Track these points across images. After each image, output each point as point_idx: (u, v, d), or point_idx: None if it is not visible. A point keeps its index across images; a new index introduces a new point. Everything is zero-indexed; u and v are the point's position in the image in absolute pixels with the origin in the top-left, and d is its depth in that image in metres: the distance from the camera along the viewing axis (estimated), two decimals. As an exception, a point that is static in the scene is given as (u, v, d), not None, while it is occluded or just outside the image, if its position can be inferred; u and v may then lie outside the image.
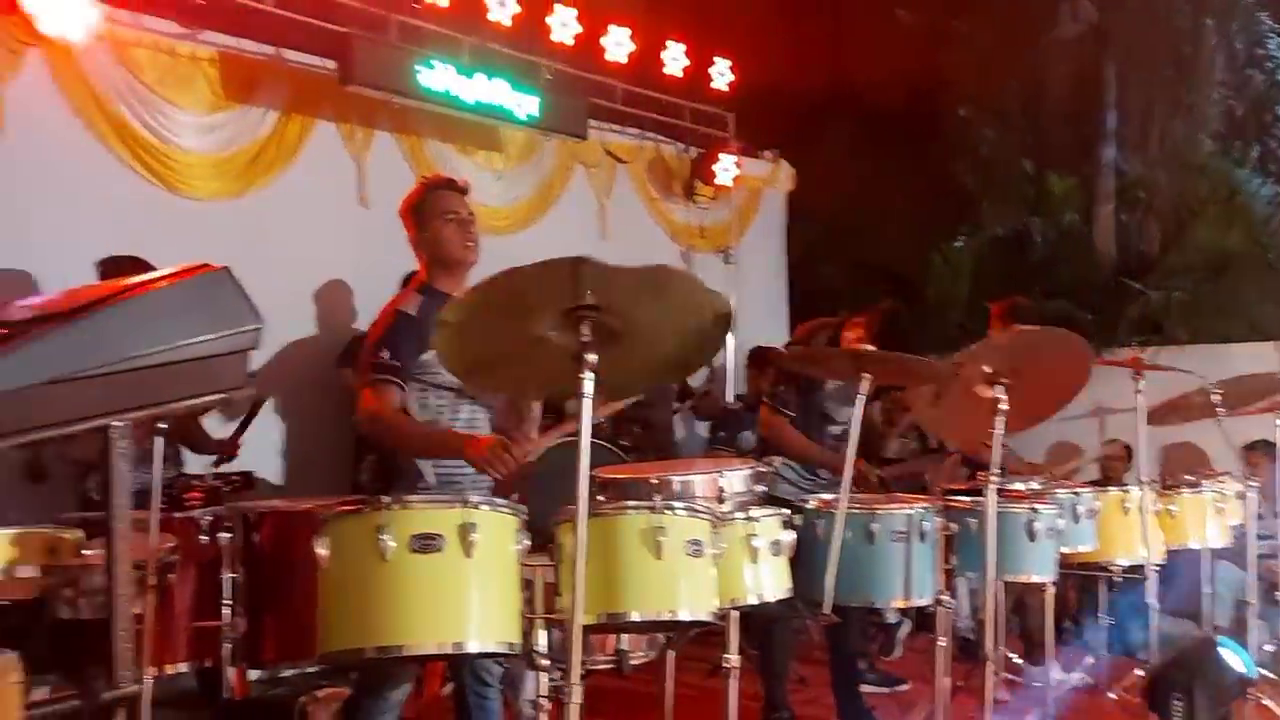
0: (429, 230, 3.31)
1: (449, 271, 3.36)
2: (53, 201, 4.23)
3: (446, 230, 3.29)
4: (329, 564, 2.41)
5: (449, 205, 3.33)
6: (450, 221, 3.30)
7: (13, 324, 1.62)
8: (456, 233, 3.30)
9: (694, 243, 7.12)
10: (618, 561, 2.53)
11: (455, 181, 3.44)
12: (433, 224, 3.30)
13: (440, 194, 3.35)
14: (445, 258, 3.33)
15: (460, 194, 3.37)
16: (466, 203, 3.39)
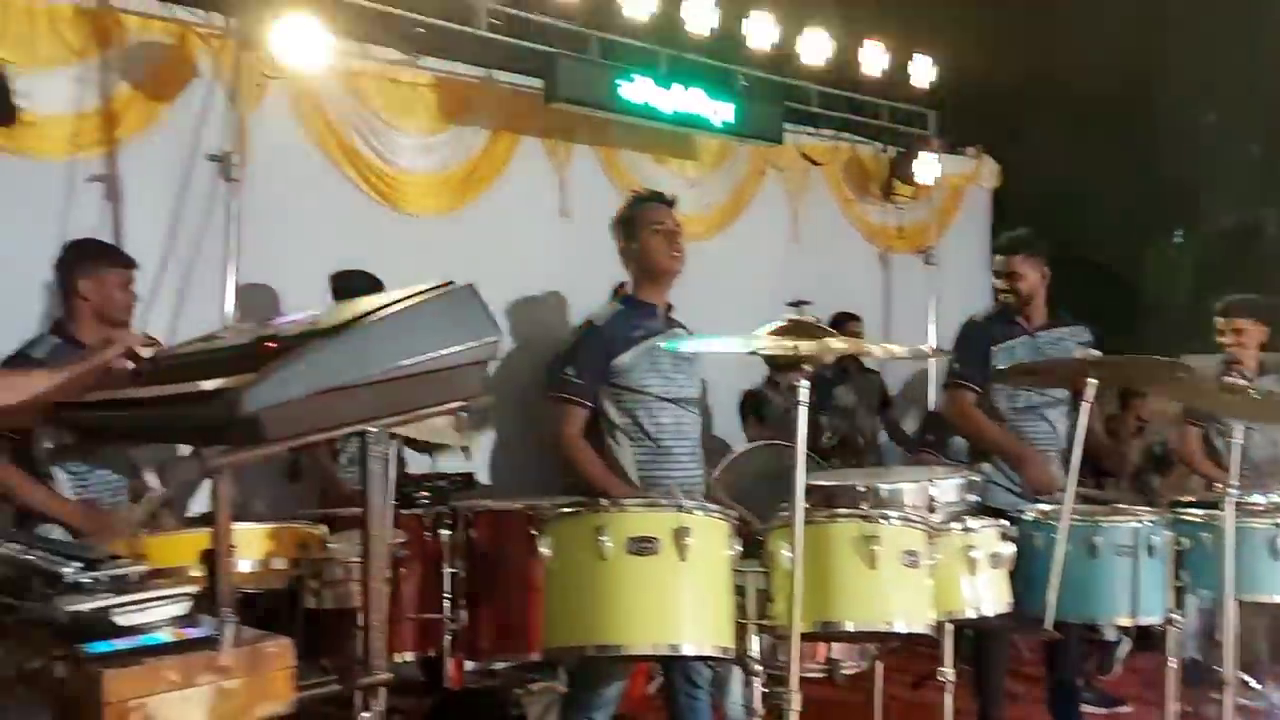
0: (637, 241, 3.46)
1: (654, 281, 3.50)
2: (292, 221, 4.59)
3: (653, 241, 3.44)
4: (552, 563, 2.52)
5: (656, 217, 3.47)
6: (657, 233, 3.45)
7: (285, 339, 1.78)
8: (663, 243, 3.45)
9: (891, 244, 6.99)
10: (831, 570, 2.54)
11: (663, 195, 3.57)
12: (640, 235, 3.45)
13: (648, 207, 3.50)
14: (652, 268, 3.47)
15: (667, 206, 3.49)
16: (673, 214, 3.51)
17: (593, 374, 3.36)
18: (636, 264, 3.50)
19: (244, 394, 1.55)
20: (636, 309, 3.48)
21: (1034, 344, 4.03)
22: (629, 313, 3.46)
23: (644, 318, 3.45)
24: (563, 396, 3.37)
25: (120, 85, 4.23)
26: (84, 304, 3.47)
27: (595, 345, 3.40)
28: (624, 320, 3.43)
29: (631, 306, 3.49)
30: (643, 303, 3.49)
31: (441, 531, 3.46)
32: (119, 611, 1.66)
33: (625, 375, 3.36)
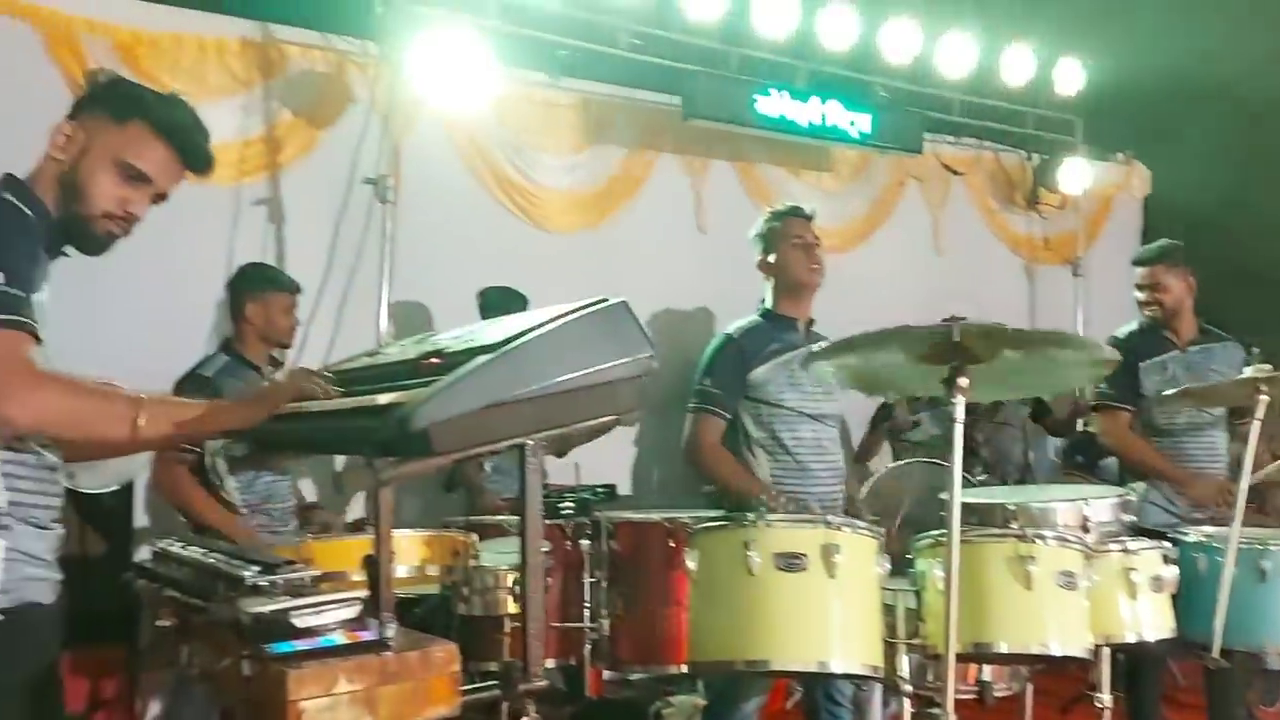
0: (775, 254, 3.46)
1: (793, 295, 3.50)
2: (442, 240, 4.75)
3: (792, 255, 3.45)
4: (698, 576, 2.54)
5: (795, 230, 3.47)
6: (796, 246, 3.45)
7: (450, 354, 1.85)
8: (802, 257, 3.45)
9: (1037, 255, 6.77)
10: (984, 590, 2.48)
11: (801, 208, 3.56)
12: (779, 249, 3.46)
13: (787, 220, 3.51)
14: (790, 281, 3.48)
15: (806, 219, 3.49)
16: (811, 227, 3.50)
17: (730, 385, 3.38)
18: (775, 277, 3.51)
19: (415, 409, 1.62)
20: (775, 322, 3.48)
21: (1185, 360, 3.87)
22: (767, 326, 3.47)
23: (783, 331, 3.45)
24: (700, 407, 3.40)
25: (282, 113, 4.47)
26: (250, 326, 3.70)
27: (732, 357, 3.42)
28: (762, 333, 3.44)
29: (770, 320, 3.49)
30: (782, 316, 3.49)
31: (582, 541, 3.52)
32: (297, 614, 1.76)
33: (762, 389, 3.37)
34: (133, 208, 1.90)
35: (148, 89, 2.00)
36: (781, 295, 3.52)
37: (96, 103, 1.93)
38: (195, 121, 1.98)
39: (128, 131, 1.88)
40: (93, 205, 1.87)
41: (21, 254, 1.72)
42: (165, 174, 1.92)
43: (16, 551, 1.76)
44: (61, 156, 1.87)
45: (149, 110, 1.91)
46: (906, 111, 5.78)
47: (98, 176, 1.87)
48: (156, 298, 4.12)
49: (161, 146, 1.90)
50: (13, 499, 1.76)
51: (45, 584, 1.83)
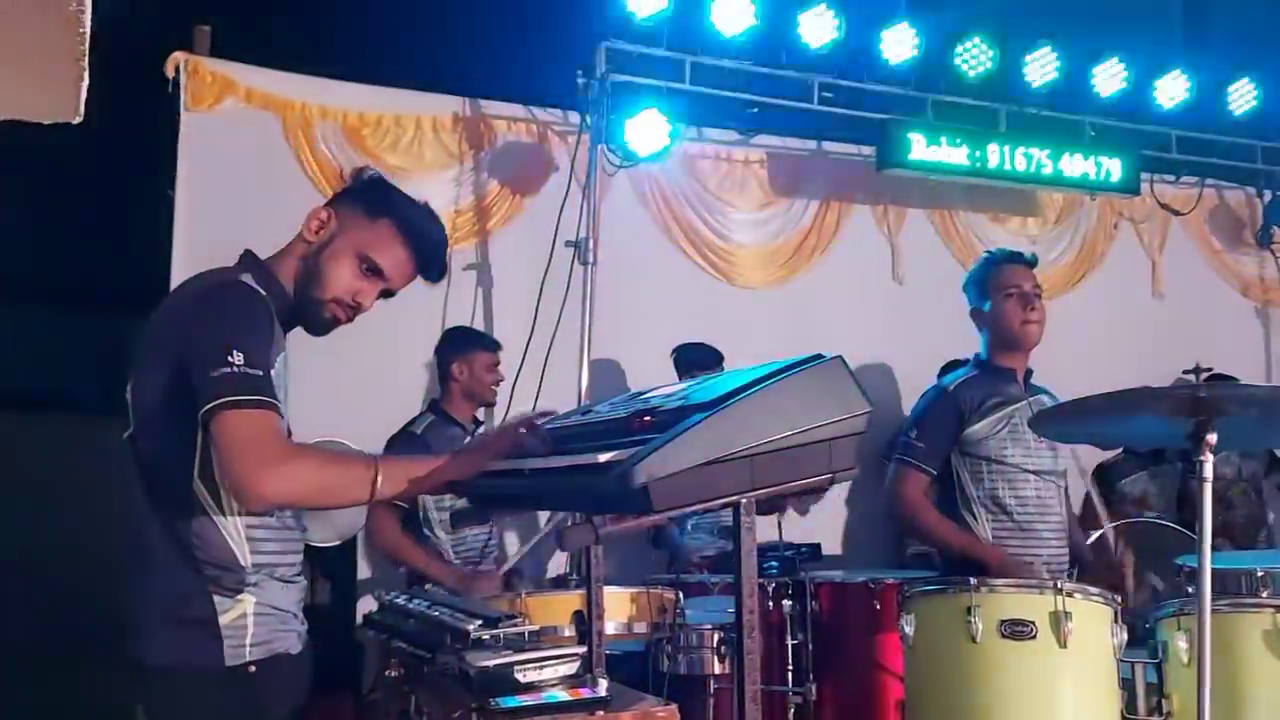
0: (989, 304, 3.27)
1: (1009, 349, 3.27)
2: (637, 299, 4.85)
3: (1007, 305, 3.22)
4: (915, 642, 2.44)
5: (1011, 280, 3.24)
6: (1010, 296, 3.22)
7: (662, 413, 1.86)
8: (1017, 308, 3.21)
9: (1270, 297, 6.25)
10: (1237, 666, 2.27)
11: (1021, 254, 3.35)
12: (994, 299, 3.25)
13: (1002, 267, 3.28)
14: (1004, 335, 3.25)
15: (1026, 266, 3.28)
16: (1033, 275, 3.28)
17: (938, 440, 3.21)
18: (989, 328, 3.32)
19: (636, 466, 1.63)
20: (991, 374, 3.27)
21: None
22: (984, 378, 3.26)
23: (1001, 383, 3.24)
24: (903, 459, 3.24)
25: (490, 183, 4.70)
26: (456, 384, 3.87)
27: (944, 411, 3.23)
28: (978, 386, 3.23)
29: (986, 371, 3.29)
30: (998, 367, 3.29)
31: (784, 602, 3.46)
32: (521, 669, 1.79)
33: (981, 444, 3.17)
34: (362, 298, 1.99)
35: (403, 194, 2.09)
36: (998, 347, 3.31)
37: (355, 196, 2.04)
38: (439, 232, 2.08)
39: (377, 228, 1.98)
40: (327, 290, 1.96)
41: (258, 334, 1.82)
42: (400, 274, 2.02)
43: (266, 606, 1.88)
44: (312, 239, 1.99)
45: (400, 213, 2.00)
46: (1119, 151, 5.49)
47: (339, 264, 1.96)
48: (376, 360, 4.36)
49: (403, 249, 1.99)
50: (257, 560, 1.87)
51: (293, 634, 1.94)
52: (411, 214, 2.02)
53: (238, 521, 1.85)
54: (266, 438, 1.74)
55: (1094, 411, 2.16)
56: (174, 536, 1.84)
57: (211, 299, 1.87)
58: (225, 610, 1.83)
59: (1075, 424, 2.36)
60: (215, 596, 1.83)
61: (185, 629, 1.82)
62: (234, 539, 1.85)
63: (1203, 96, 5.67)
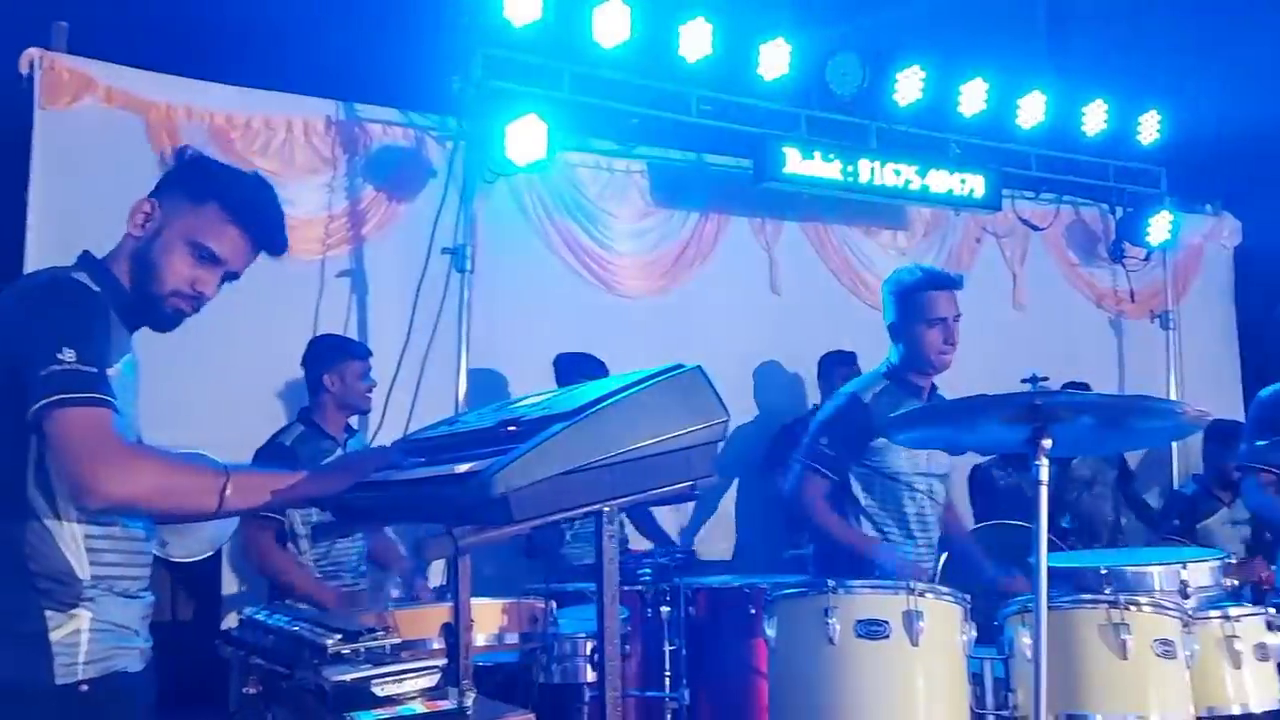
0: (911, 328, 3.26)
1: (920, 370, 3.29)
2: (516, 307, 4.85)
3: (929, 334, 3.23)
4: (776, 645, 2.50)
5: (939, 310, 3.24)
6: (934, 327, 3.23)
7: (526, 422, 1.87)
8: (938, 338, 3.23)
9: (1123, 308, 6.60)
10: (1076, 659, 2.40)
11: (951, 278, 3.35)
12: (917, 325, 3.25)
13: (932, 295, 3.25)
14: (920, 360, 3.27)
15: (954, 292, 3.28)
16: (956, 301, 3.29)
17: (845, 449, 3.21)
18: (906, 347, 3.29)
19: (494, 476, 1.64)
20: (903, 388, 3.28)
21: None
22: (895, 390, 3.27)
23: (908, 397, 3.25)
24: (811, 465, 3.24)
25: (365, 188, 4.63)
26: (328, 395, 3.78)
27: (857, 421, 3.21)
28: (889, 399, 3.23)
29: (897, 384, 3.29)
30: (909, 383, 3.32)
31: (662, 608, 3.49)
32: (378, 683, 1.78)
33: (880, 456, 3.22)
34: (202, 287, 1.93)
35: (227, 170, 2.03)
36: (910, 365, 3.35)
37: (177, 181, 1.97)
38: (270, 204, 2.01)
39: (203, 213, 1.91)
40: (163, 284, 1.90)
41: (91, 332, 1.75)
42: (237, 255, 1.96)
43: (104, 621, 1.80)
44: (139, 233, 1.91)
45: (223, 193, 1.94)
46: (983, 168, 5.73)
47: (171, 255, 1.90)
48: (244, 368, 4.25)
49: (235, 230, 1.93)
50: (96, 572, 1.79)
51: (134, 652, 1.86)
52: (238, 192, 1.96)
53: (75, 530, 1.77)
54: (103, 435, 1.68)
55: (943, 418, 2.25)
56: (6, 546, 1.75)
57: (40, 296, 1.79)
58: (57, 625, 1.74)
59: (928, 430, 2.46)
60: (47, 611, 1.74)
61: (12, 645, 1.73)
62: (71, 549, 1.76)
63: (1061, 117, 5.97)
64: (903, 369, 3.29)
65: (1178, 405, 2.23)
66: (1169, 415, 2.23)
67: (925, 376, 3.29)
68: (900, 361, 3.29)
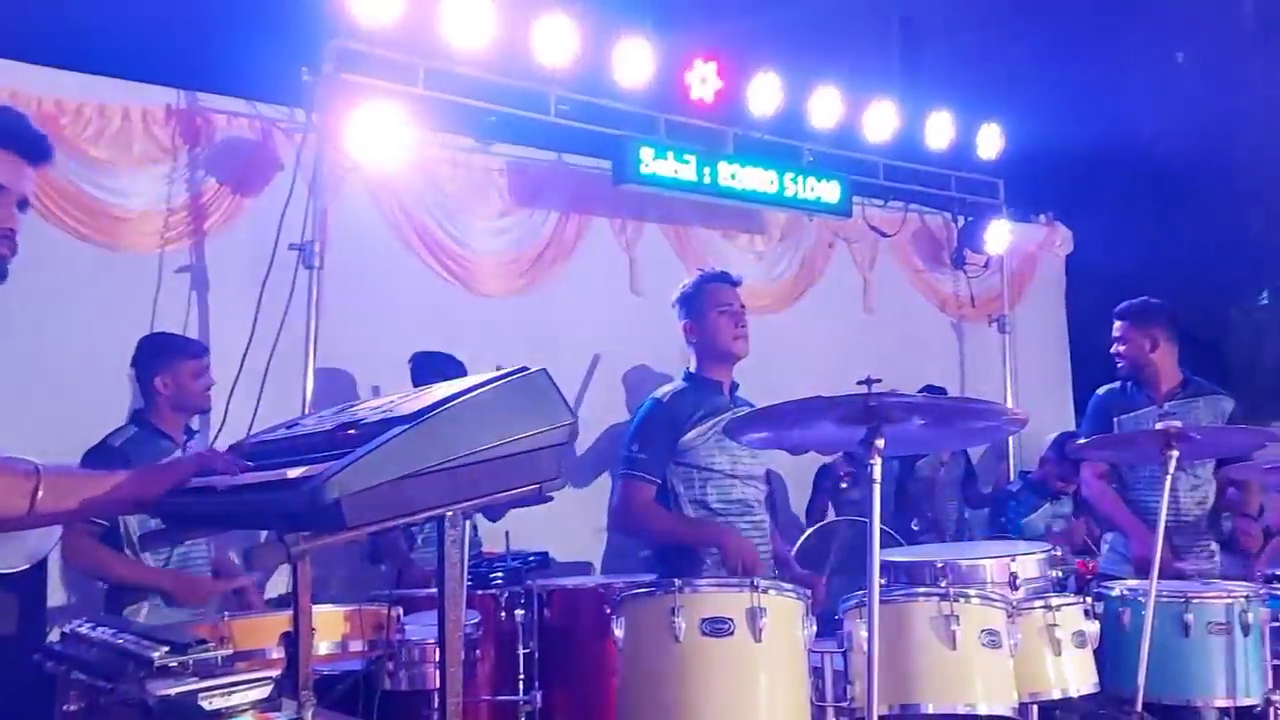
0: (701, 320, 3.46)
1: (718, 361, 3.48)
2: (370, 306, 4.73)
3: (719, 322, 3.43)
4: (625, 644, 2.51)
5: (722, 298, 3.46)
6: (723, 314, 3.43)
7: (365, 425, 1.83)
8: (728, 324, 3.43)
9: (964, 313, 6.92)
10: (910, 651, 2.49)
11: (729, 275, 3.57)
12: (706, 316, 3.45)
13: (714, 287, 3.49)
14: (716, 348, 3.46)
15: (733, 286, 3.50)
16: (738, 294, 3.51)
17: (658, 451, 3.36)
18: (700, 343, 3.52)
19: (326, 481, 1.60)
20: (700, 386, 3.47)
21: (1161, 415, 3.94)
22: (692, 390, 3.45)
23: (709, 395, 3.44)
24: (629, 473, 3.36)
25: (208, 180, 4.44)
26: (161, 397, 3.62)
27: (661, 422, 3.40)
28: (688, 398, 3.42)
29: (694, 383, 3.49)
30: (707, 380, 3.48)
31: (517, 612, 3.48)
32: (205, 696, 1.71)
33: (692, 453, 3.36)
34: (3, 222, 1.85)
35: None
36: (706, 360, 3.52)
37: None
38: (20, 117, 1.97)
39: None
40: None
41: None
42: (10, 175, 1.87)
43: None
44: None
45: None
46: (834, 175, 5.91)
47: None
48: (77, 368, 4.03)
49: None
50: None
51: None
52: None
53: None
54: None
55: (783, 418, 2.32)
56: None
57: None
58: None
59: (768, 430, 2.52)
60: None
61: None
62: None
63: (909, 128, 6.21)
64: (700, 369, 3.46)
65: (999, 406, 2.35)
66: (993, 415, 2.34)
67: (722, 368, 3.45)
68: (698, 362, 3.46)
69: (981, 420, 2.38)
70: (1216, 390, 4.12)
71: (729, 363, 3.49)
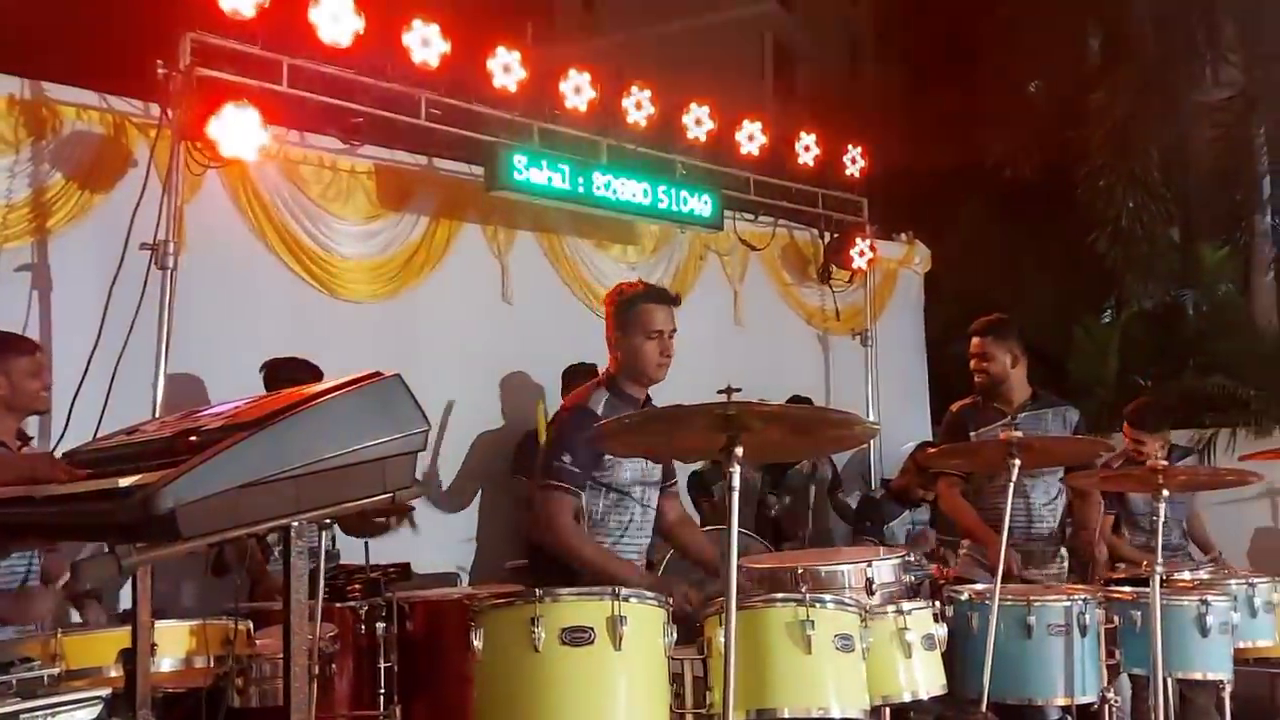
0: (630, 340, 3.32)
1: (637, 381, 3.36)
2: (228, 309, 4.56)
3: (646, 347, 3.30)
4: (483, 656, 2.48)
5: (655, 324, 3.31)
6: (651, 339, 3.30)
7: (207, 432, 1.76)
8: (655, 351, 3.30)
9: (829, 326, 7.10)
10: (766, 656, 2.53)
11: (669, 295, 3.43)
12: (634, 337, 3.31)
13: (650, 309, 3.32)
14: (638, 371, 3.33)
15: (669, 307, 3.36)
16: (673, 315, 3.37)
17: (587, 462, 3.18)
18: (624, 359, 3.35)
19: (160, 490, 1.53)
20: (623, 399, 3.32)
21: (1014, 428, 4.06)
22: (617, 401, 3.30)
23: (627, 409, 3.25)
24: (558, 485, 3.16)
25: (53, 175, 4.21)
26: None
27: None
28: (616, 409, 3.24)
29: (617, 395, 3.33)
30: (626, 394, 3.37)
31: (377, 625, 3.38)
32: (28, 716, 1.61)
33: (610, 468, 3.23)
34: None
35: None
36: (626, 376, 3.40)
37: None
38: None
39: None
40: None
41: None
42: None
43: None
44: None
45: None
46: (706, 189, 5.99)
47: None
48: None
49: None
50: None
51: None
52: None
53: None
54: None
55: (648, 427, 2.33)
56: None
57: None
58: None
59: (637, 439, 2.53)
60: None
61: None
62: None
63: (778, 146, 6.36)
64: (620, 380, 3.37)
65: (854, 416, 2.42)
66: (846, 425, 2.41)
67: (641, 388, 3.39)
68: (619, 372, 3.38)
69: (837, 429, 2.44)
70: (1063, 402, 4.28)
71: (647, 385, 3.40)
